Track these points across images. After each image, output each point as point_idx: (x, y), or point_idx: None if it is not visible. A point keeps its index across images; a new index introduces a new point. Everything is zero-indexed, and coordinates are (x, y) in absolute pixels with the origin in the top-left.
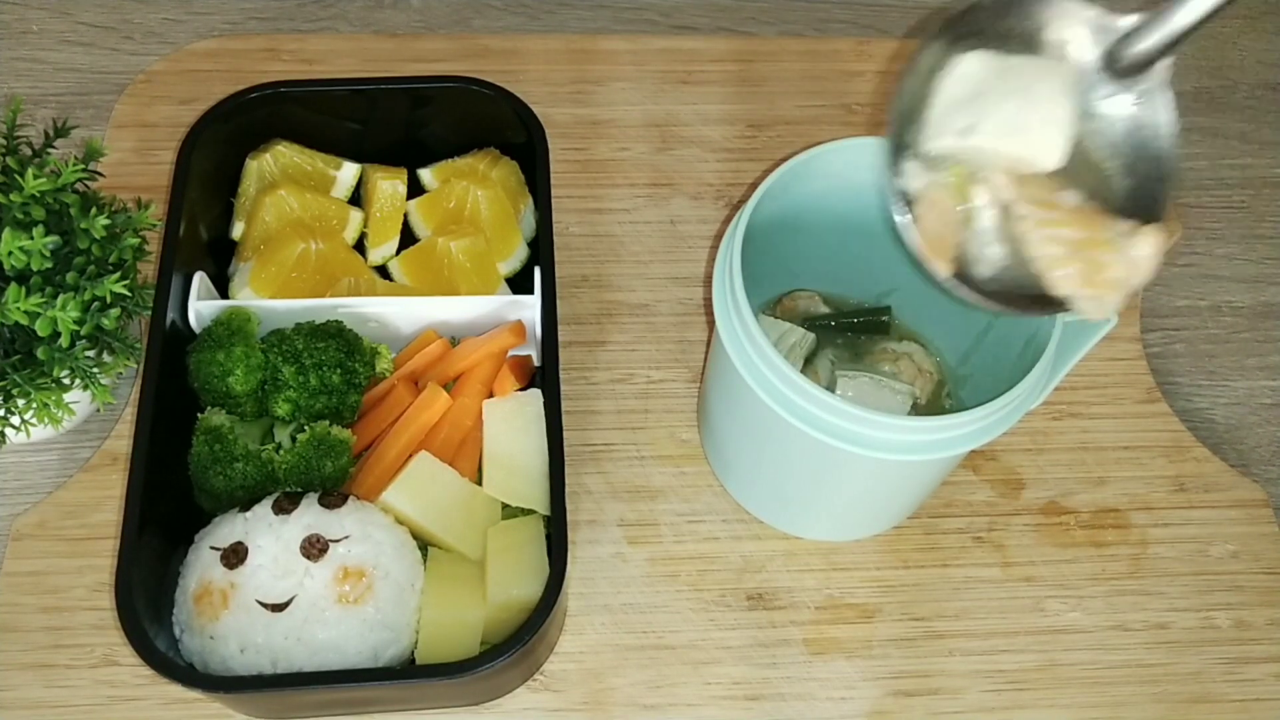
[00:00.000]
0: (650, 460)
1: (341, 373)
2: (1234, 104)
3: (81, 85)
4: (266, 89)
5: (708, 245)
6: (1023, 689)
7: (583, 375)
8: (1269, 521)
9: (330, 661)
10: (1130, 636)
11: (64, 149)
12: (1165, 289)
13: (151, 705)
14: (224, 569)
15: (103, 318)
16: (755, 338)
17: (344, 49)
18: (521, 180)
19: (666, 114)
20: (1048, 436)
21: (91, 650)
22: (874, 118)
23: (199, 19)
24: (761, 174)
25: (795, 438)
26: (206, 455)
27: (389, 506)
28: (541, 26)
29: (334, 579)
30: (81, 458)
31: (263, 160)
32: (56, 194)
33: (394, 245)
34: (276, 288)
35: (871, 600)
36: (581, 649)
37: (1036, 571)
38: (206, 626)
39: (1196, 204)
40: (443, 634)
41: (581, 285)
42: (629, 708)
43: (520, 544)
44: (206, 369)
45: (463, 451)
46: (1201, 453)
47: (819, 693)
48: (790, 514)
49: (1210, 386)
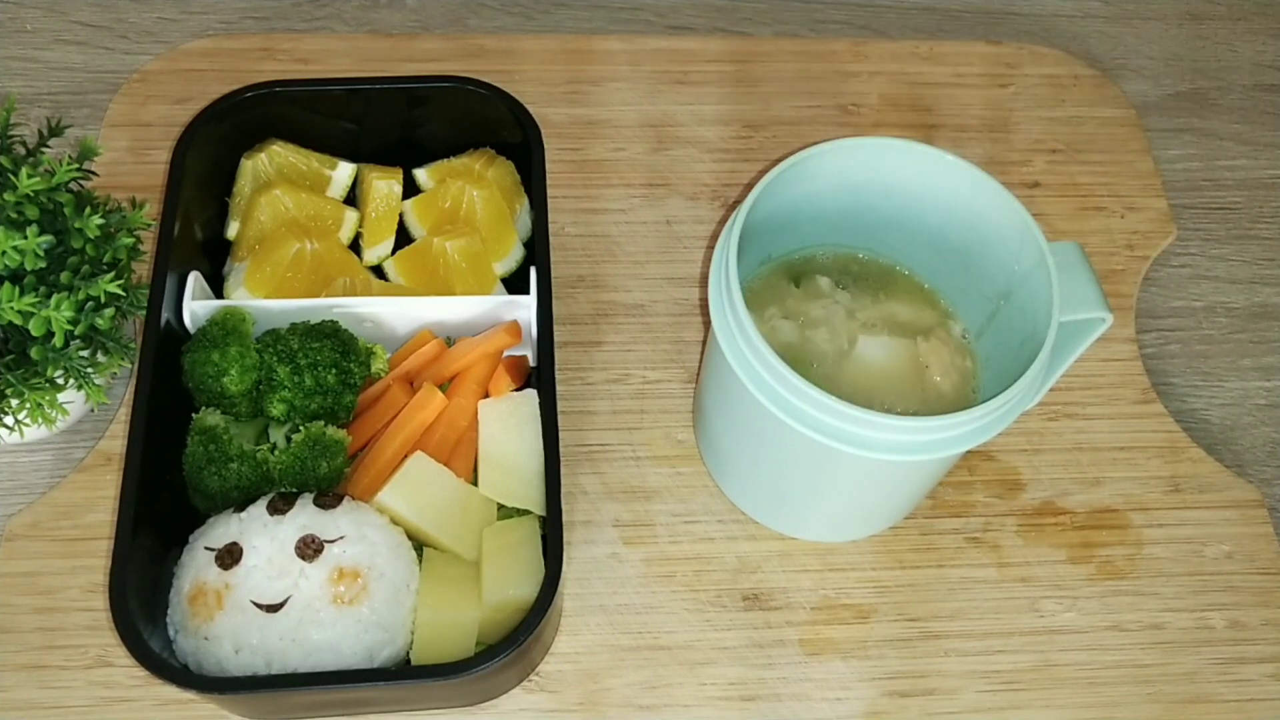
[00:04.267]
0: (646, 461)
1: (337, 373)
2: (1228, 105)
3: (76, 84)
4: (261, 88)
5: (703, 246)
6: (1018, 689)
7: (578, 375)
8: (1264, 522)
9: (325, 662)
10: (1125, 637)
11: (58, 148)
12: (1160, 290)
13: (146, 706)
14: (219, 569)
15: (97, 317)
16: (751, 338)
17: (339, 48)
18: (517, 180)
19: (662, 114)
20: (1043, 437)
21: (85, 651)
22: (871, 118)
23: (194, 18)
24: (757, 174)
25: (791, 437)
26: (201, 455)
27: (384, 507)
28: (537, 26)
29: (329, 580)
30: (75, 458)
31: (258, 160)
32: (50, 193)
33: (389, 245)
34: (271, 288)
35: (867, 601)
36: (577, 650)
37: (1032, 572)
38: (201, 627)
39: (1190, 205)
40: (438, 635)
41: (577, 285)
42: (624, 708)
43: (516, 544)
44: (201, 369)
45: (458, 452)
46: (1196, 453)
47: (814, 693)
48: (786, 514)
49: (1205, 387)
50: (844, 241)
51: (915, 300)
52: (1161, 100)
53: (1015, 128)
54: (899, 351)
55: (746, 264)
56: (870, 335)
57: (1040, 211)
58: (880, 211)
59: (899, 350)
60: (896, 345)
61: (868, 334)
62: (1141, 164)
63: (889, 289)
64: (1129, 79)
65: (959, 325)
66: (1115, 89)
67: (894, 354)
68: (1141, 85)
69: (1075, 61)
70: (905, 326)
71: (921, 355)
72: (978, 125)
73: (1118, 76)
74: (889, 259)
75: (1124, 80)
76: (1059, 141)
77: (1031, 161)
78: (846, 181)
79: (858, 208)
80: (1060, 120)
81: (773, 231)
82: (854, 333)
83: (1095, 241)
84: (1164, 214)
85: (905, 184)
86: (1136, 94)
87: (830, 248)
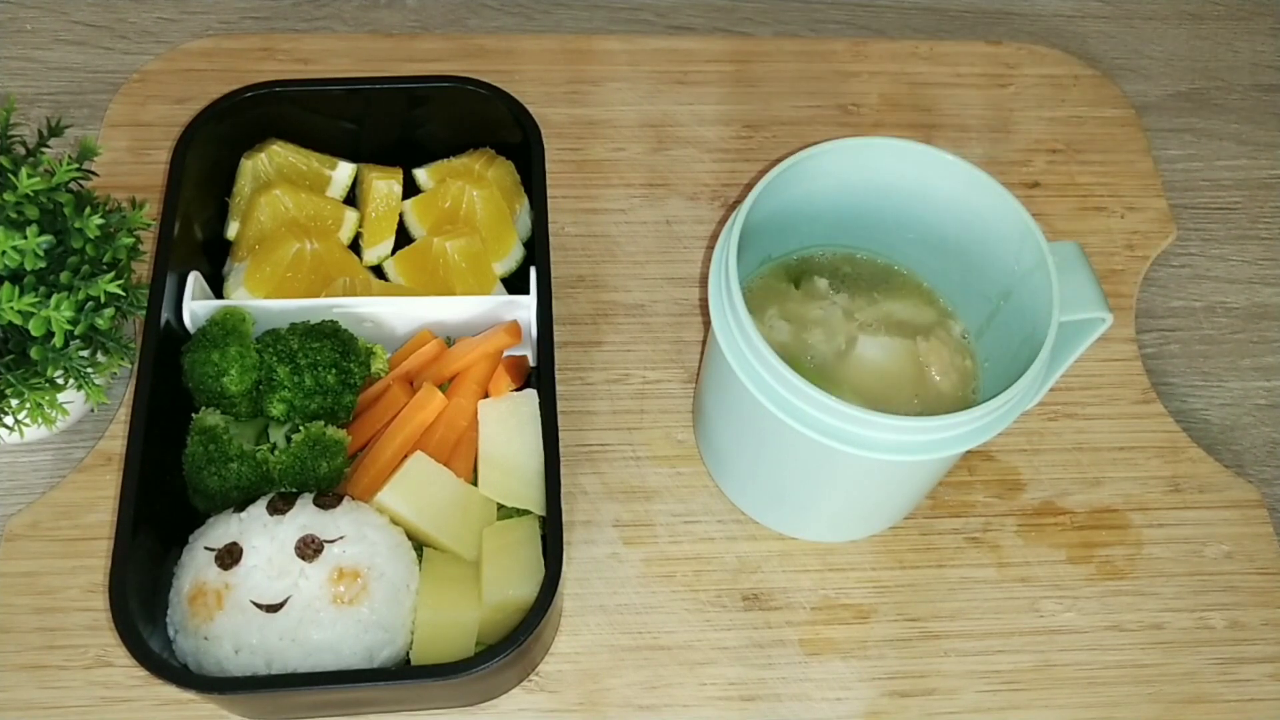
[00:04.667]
0: (646, 461)
1: (336, 373)
2: (1228, 105)
3: (75, 84)
4: (261, 88)
5: (703, 246)
6: (1018, 689)
7: (578, 375)
8: (1263, 522)
9: (325, 662)
10: (1125, 637)
11: (58, 148)
12: (1160, 290)
13: (145, 706)
14: (218, 570)
15: (97, 317)
16: (751, 338)
17: (339, 49)
18: (517, 180)
19: (662, 114)
20: (1043, 437)
21: (85, 651)
22: (870, 118)
23: (194, 18)
24: (757, 174)
25: (791, 437)
26: (201, 455)
27: (384, 507)
28: (537, 26)
29: (329, 580)
30: (75, 458)
31: (258, 160)
32: (50, 193)
33: (389, 245)
34: (271, 288)
35: (867, 601)
36: (577, 650)
37: (1032, 572)
38: (201, 627)
39: (1190, 205)
40: (438, 635)
41: (577, 285)
42: (624, 708)
43: (516, 544)
44: (201, 369)
45: (458, 452)
46: (1196, 453)
47: (814, 693)
48: (786, 514)
49: (1205, 387)
50: (844, 242)
51: (915, 300)
52: (1161, 100)
53: (1015, 128)
54: (898, 352)
55: (746, 264)
56: (870, 335)
57: (1040, 211)
58: (880, 212)
59: (898, 350)
60: (896, 345)
61: (867, 334)
62: (1141, 164)
63: (888, 289)
64: (1129, 79)
65: (959, 325)
66: (1115, 89)
67: (893, 354)
68: (1141, 85)
69: (1075, 61)
70: (905, 326)
71: (921, 355)
72: (977, 125)
73: (1118, 76)
74: (888, 259)
75: (1124, 80)
76: (1059, 141)
77: (1031, 161)
78: (846, 181)
79: (857, 208)
80: (1060, 120)
81: (772, 231)
82: (853, 333)
83: (1095, 241)
84: (1164, 214)
85: (905, 184)
86: (1136, 94)
87: (830, 248)
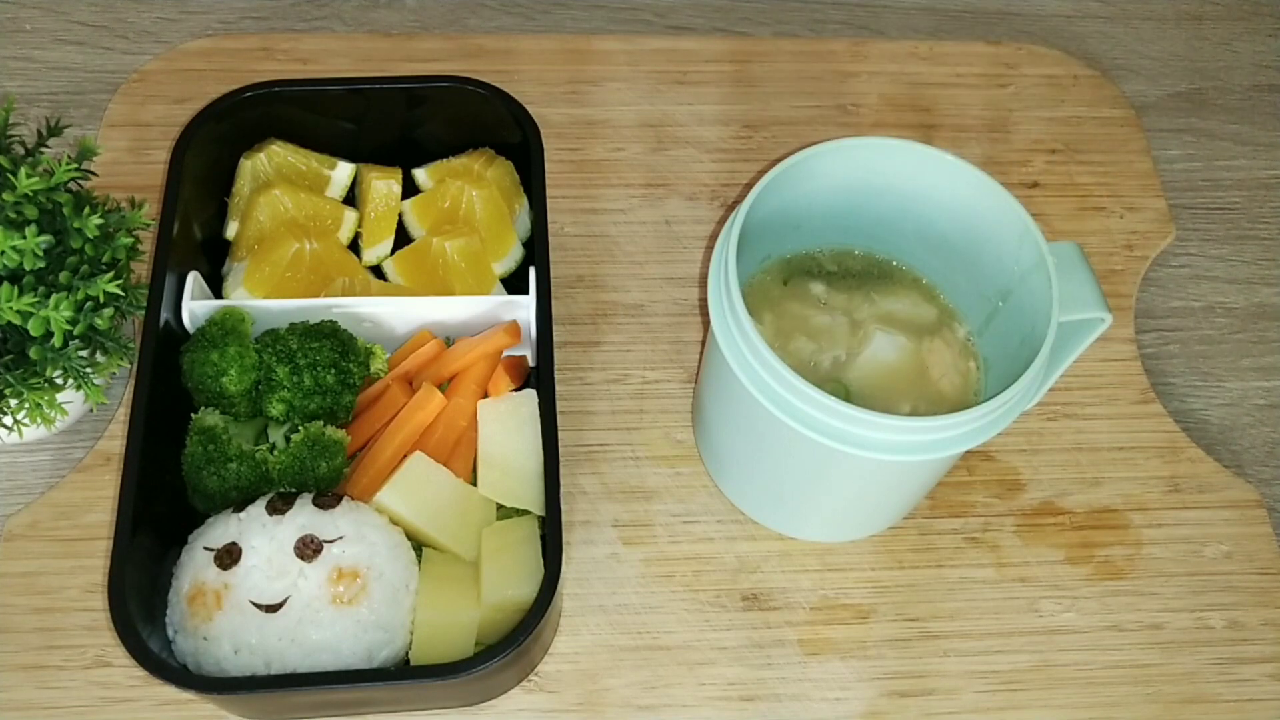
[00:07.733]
0: (645, 461)
1: (336, 373)
2: (1227, 105)
3: (75, 84)
4: (261, 88)
5: (703, 246)
6: (1017, 689)
7: (578, 376)
8: (1263, 522)
9: (324, 662)
10: (1124, 637)
11: (57, 148)
12: (1159, 290)
13: (144, 706)
14: (217, 570)
15: (96, 317)
16: (750, 337)
17: (338, 48)
18: (516, 180)
19: (662, 114)
20: (1043, 437)
21: (84, 651)
22: (870, 118)
23: (193, 18)
24: (756, 174)
25: (790, 438)
26: (200, 455)
27: (383, 507)
28: (536, 26)
29: (328, 580)
30: (74, 458)
31: (257, 160)
32: (49, 193)
33: (389, 245)
34: (271, 287)
35: (866, 601)
36: (576, 650)
37: (1031, 572)
38: (200, 627)
39: (1190, 205)
40: (437, 635)
41: (576, 285)
42: (624, 709)
43: (515, 545)
44: (200, 369)
45: (457, 452)
46: (1196, 453)
47: (814, 693)
48: (785, 514)
49: (1204, 387)
50: (843, 241)
51: (915, 300)
52: (1160, 100)
53: (1014, 128)
54: (899, 351)
55: (746, 264)
56: (870, 335)
57: (1040, 211)
58: (879, 212)
59: (899, 350)
60: (896, 345)
61: (868, 334)
62: (1140, 164)
63: (888, 289)
64: (1128, 79)
65: (963, 328)
66: (1114, 89)
67: (894, 354)
68: (1141, 85)
69: (1074, 61)
70: (905, 327)
71: (923, 355)
72: (977, 125)
73: (1117, 76)
74: (888, 259)
75: (1123, 80)
76: (1058, 141)
77: (1031, 161)
78: (846, 182)
79: (857, 208)
80: (1059, 120)
81: (772, 231)
82: (854, 333)
83: (1094, 241)
84: (1163, 214)
85: (905, 184)
86: (1136, 94)
87: (830, 248)
